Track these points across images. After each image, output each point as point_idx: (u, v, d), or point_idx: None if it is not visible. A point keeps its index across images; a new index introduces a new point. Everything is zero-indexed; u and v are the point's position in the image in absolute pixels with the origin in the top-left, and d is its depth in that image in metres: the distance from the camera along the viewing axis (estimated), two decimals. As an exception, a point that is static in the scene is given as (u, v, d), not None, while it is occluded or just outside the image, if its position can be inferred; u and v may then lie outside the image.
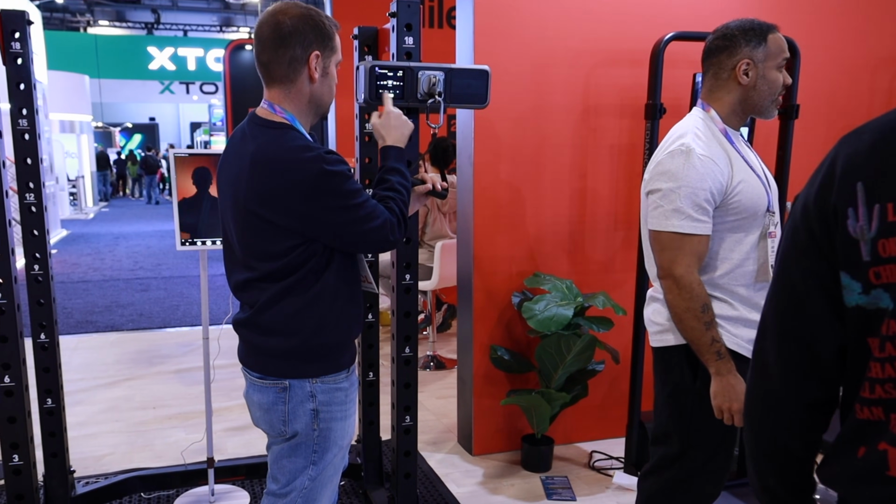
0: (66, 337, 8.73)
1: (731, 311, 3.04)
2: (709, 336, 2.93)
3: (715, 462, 3.21)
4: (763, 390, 1.74)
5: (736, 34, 3.01)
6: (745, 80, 3.01)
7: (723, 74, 3.07)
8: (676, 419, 3.21)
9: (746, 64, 2.99)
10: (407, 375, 4.05)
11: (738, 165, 3.00)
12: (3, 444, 3.90)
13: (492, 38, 4.90)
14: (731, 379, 2.94)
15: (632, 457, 4.99)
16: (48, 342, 4.14)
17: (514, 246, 5.22)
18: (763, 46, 2.98)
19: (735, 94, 3.06)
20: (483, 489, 4.96)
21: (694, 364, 3.07)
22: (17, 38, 3.78)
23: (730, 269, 3.04)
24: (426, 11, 8.73)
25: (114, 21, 37.83)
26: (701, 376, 3.05)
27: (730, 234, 3.02)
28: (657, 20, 5.06)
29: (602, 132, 5.25)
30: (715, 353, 2.94)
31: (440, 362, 7.59)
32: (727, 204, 2.96)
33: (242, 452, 5.46)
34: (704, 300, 2.94)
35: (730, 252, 3.03)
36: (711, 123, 3.08)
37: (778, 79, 3.02)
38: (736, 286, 3.04)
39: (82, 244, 17.85)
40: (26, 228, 3.96)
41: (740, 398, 2.93)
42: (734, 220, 3.00)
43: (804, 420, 1.69)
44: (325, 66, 2.74)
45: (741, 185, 2.96)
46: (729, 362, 2.95)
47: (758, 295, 3.06)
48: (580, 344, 4.80)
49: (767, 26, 3.00)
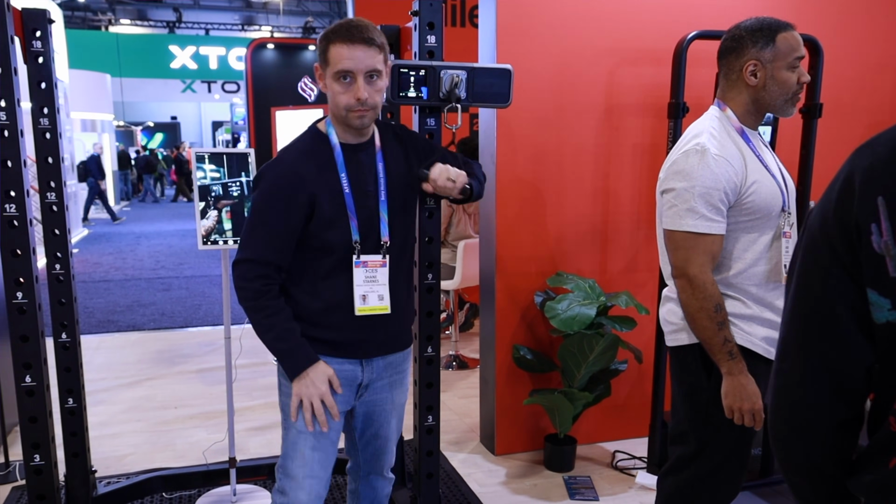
0: (87, 336, 8.78)
1: (745, 309, 3.05)
2: (721, 336, 2.94)
3: (732, 461, 3.20)
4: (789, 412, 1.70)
5: (743, 35, 3.02)
6: (752, 80, 3.01)
7: (732, 75, 3.09)
8: (692, 419, 3.20)
9: (753, 65, 2.99)
10: (429, 375, 4.05)
11: (752, 165, 3.00)
12: (24, 443, 3.89)
13: (514, 37, 4.90)
14: (742, 379, 2.95)
15: (655, 456, 4.97)
16: (69, 342, 4.14)
17: (536, 245, 5.22)
18: (771, 47, 2.96)
19: (746, 95, 3.07)
20: (505, 489, 4.96)
21: (708, 363, 3.07)
22: (38, 37, 3.77)
23: (743, 268, 3.04)
24: (448, 10, 8.71)
25: (135, 20, 37.94)
26: (715, 375, 3.05)
27: (743, 234, 3.02)
28: (680, 19, 5.05)
29: (624, 131, 5.24)
30: (727, 353, 2.94)
31: (463, 362, 7.59)
32: (741, 204, 2.97)
33: (264, 452, 5.47)
34: (717, 300, 2.94)
35: (743, 252, 3.03)
36: (727, 123, 3.08)
37: (789, 78, 3.00)
38: (748, 286, 3.05)
39: (104, 243, 17.93)
40: (47, 228, 3.97)
41: (751, 398, 2.94)
42: (748, 220, 3.00)
43: (835, 441, 1.65)
44: (325, 80, 2.86)
45: (755, 186, 2.96)
46: (741, 362, 2.95)
47: (770, 294, 3.07)
48: (603, 343, 4.79)
49: (778, 25, 2.98)
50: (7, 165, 3.58)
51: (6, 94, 3.51)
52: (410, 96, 3.60)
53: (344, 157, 2.91)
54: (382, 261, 2.95)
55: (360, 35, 2.75)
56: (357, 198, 2.90)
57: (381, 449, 3.31)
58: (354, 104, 2.78)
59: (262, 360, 2.78)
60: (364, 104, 2.78)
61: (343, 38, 2.74)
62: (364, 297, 2.93)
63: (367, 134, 2.97)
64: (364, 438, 3.27)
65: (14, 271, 3.68)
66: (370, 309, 2.95)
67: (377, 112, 2.89)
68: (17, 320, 3.74)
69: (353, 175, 2.91)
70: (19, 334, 3.76)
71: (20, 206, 3.62)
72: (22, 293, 3.71)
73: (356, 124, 2.85)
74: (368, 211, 2.93)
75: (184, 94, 36.55)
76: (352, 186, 2.89)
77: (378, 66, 2.79)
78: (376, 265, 2.94)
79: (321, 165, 2.89)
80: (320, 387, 2.88)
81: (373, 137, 3.01)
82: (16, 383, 3.80)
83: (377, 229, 2.95)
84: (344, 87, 2.78)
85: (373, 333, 3.02)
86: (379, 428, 3.24)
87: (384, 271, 2.96)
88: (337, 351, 2.99)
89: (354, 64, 2.74)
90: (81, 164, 22.64)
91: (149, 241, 18.29)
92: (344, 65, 2.74)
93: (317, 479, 3.02)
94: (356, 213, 2.89)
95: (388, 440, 3.30)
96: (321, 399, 2.88)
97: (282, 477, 3.05)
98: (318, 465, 3.01)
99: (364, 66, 2.75)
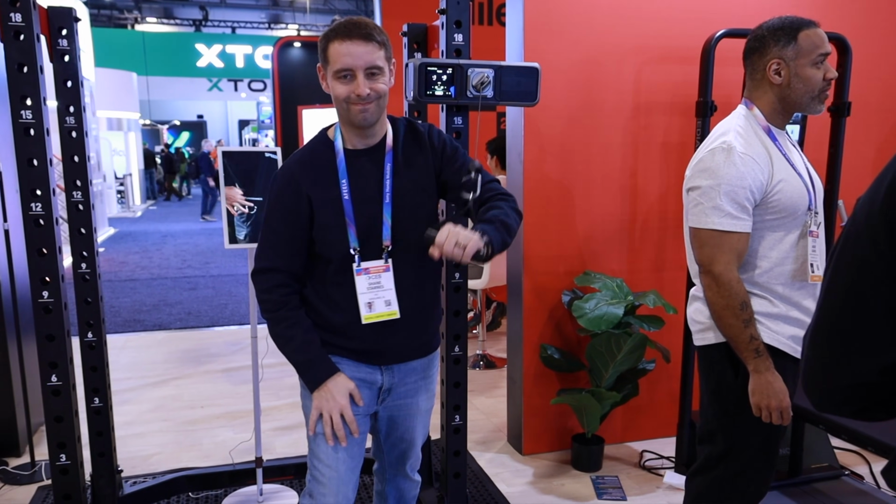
0: (113, 336, 8.84)
1: (771, 307, 3.04)
2: (747, 334, 2.94)
3: (760, 460, 3.19)
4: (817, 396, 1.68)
5: (765, 34, 3.02)
6: (776, 79, 3.01)
7: (757, 75, 3.09)
8: (720, 418, 3.21)
9: (777, 63, 2.99)
10: (456, 374, 4.04)
11: (778, 164, 2.99)
12: (50, 443, 3.89)
13: (542, 36, 4.88)
14: (769, 376, 2.95)
15: (683, 456, 4.95)
16: (95, 341, 4.15)
17: (563, 244, 5.20)
18: (793, 45, 2.96)
19: (771, 94, 3.06)
20: (533, 489, 4.94)
21: (736, 362, 3.08)
22: (64, 35, 3.79)
23: (769, 267, 3.04)
24: (476, 8, 8.67)
25: (161, 18, 38.12)
26: (743, 374, 3.06)
27: (769, 233, 3.02)
28: (708, 17, 5.03)
29: (652, 130, 5.22)
30: (753, 351, 2.95)
31: (490, 361, 7.58)
32: (767, 202, 2.96)
33: (291, 452, 5.48)
34: (743, 298, 2.95)
35: (769, 250, 3.03)
36: (754, 121, 3.08)
37: (815, 76, 2.98)
38: (775, 284, 3.04)
39: (130, 242, 18.00)
40: (73, 226, 3.97)
41: (778, 395, 2.95)
42: (774, 218, 3.00)
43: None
44: (327, 80, 2.81)
45: (781, 184, 2.96)
46: (767, 360, 2.95)
47: (796, 293, 3.07)
48: (631, 343, 4.77)
49: (800, 23, 2.97)
50: (33, 164, 3.58)
51: (32, 92, 3.52)
52: (437, 95, 3.59)
53: (347, 162, 2.86)
54: (385, 265, 2.88)
55: (358, 31, 2.69)
56: (357, 204, 2.83)
57: (406, 452, 3.29)
58: (354, 97, 2.71)
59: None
60: (365, 98, 2.71)
61: (341, 36, 2.69)
62: (370, 304, 2.87)
63: (376, 135, 2.90)
64: (389, 442, 3.25)
65: (40, 270, 3.69)
66: (377, 316, 2.89)
67: (381, 107, 2.81)
68: (42, 319, 3.75)
69: (354, 181, 2.85)
70: (45, 333, 3.76)
71: (46, 205, 3.63)
72: (48, 292, 3.72)
73: (358, 120, 2.77)
74: (369, 217, 2.85)
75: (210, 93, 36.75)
76: (352, 193, 2.83)
77: (378, 62, 2.72)
78: (379, 270, 2.87)
79: (322, 172, 2.86)
80: (340, 400, 2.85)
81: (384, 139, 2.93)
82: (42, 382, 3.81)
83: (378, 234, 2.88)
84: (344, 84, 2.72)
85: (389, 340, 2.97)
86: (404, 432, 3.21)
87: (388, 276, 2.88)
88: (355, 356, 2.97)
89: (353, 60, 2.68)
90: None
91: (175, 240, 18.37)
92: (343, 62, 2.69)
93: (344, 483, 2.99)
94: (355, 219, 2.83)
95: (414, 444, 3.28)
96: (341, 413, 2.86)
97: (309, 480, 3.02)
98: (345, 468, 2.98)
99: (363, 62, 2.69)
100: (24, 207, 3.61)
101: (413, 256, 2.92)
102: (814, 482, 4.87)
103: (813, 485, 4.84)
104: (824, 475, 4.91)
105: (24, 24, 3.44)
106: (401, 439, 3.23)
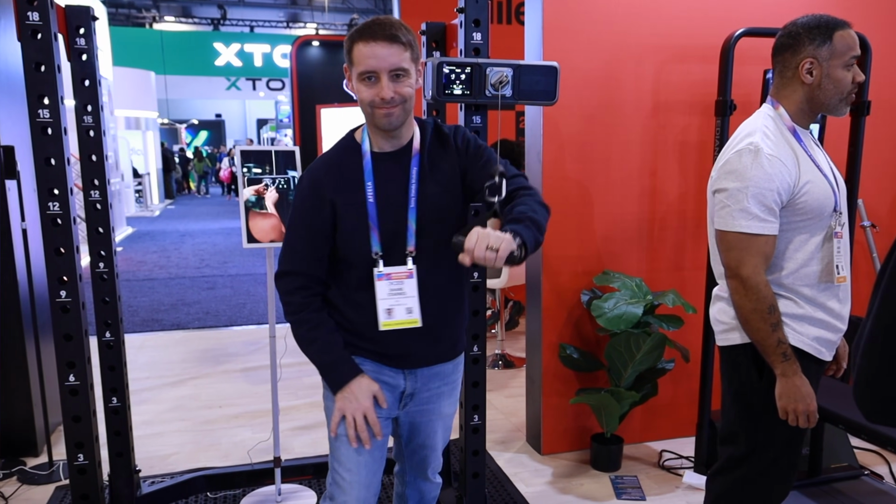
0: (131, 335, 8.89)
1: (798, 308, 3.02)
2: (775, 338, 2.92)
3: (783, 461, 3.19)
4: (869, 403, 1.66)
5: (800, 32, 2.98)
6: (808, 79, 2.97)
7: (787, 73, 3.05)
8: (743, 418, 3.20)
9: (810, 63, 2.95)
10: (475, 374, 4.03)
11: (805, 166, 2.96)
12: (68, 443, 3.90)
13: (561, 35, 4.86)
14: (797, 380, 2.93)
15: (702, 456, 4.94)
16: (113, 340, 4.16)
17: (582, 244, 5.18)
18: (828, 45, 2.93)
19: (801, 93, 3.03)
20: (552, 489, 4.93)
21: (760, 363, 3.07)
22: (81, 34, 3.79)
23: (795, 268, 3.01)
24: (494, 7, 8.70)
25: (179, 17, 38.21)
26: (767, 375, 3.05)
27: (795, 235, 3.00)
28: (727, 16, 5.00)
29: (671, 129, 5.19)
30: (781, 355, 2.93)
31: (508, 361, 7.57)
32: (794, 204, 2.94)
33: (309, 452, 5.48)
34: (771, 301, 2.93)
35: (795, 252, 3.01)
36: (780, 121, 3.05)
37: (845, 77, 2.96)
38: (801, 286, 3.02)
39: (148, 241, 18.06)
40: (91, 226, 3.99)
41: (805, 399, 2.94)
42: (800, 220, 2.97)
43: None
44: (353, 81, 2.75)
45: (808, 186, 2.93)
46: (795, 364, 2.93)
47: (822, 295, 3.04)
48: (650, 342, 4.75)
49: (835, 23, 2.94)
50: (51, 163, 3.59)
51: (50, 91, 3.52)
52: (456, 94, 3.57)
53: (373, 166, 2.82)
54: (409, 271, 2.82)
55: (384, 33, 2.62)
56: (381, 208, 2.79)
57: (427, 458, 3.26)
58: (378, 101, 2.66)
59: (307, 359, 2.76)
60: (389, 102, 2.66)
61: (366, 37, 2.63)
62: (389, 310, 2.81)
63: (402, 138, 2.86)
64: (410, 448, 3.23)
65: (58, 270, 3.70)
66: (397, 323, 2.83)
67: (407, 110, 2.76)
68: (60, 319, 3.76)
69: (380, 185, 2.80)
70: (63, 333, 3.77)
71: (64, 205, 3.64)
72: (65, 292, 3.72)
73: (383, 123, 2.73)
74: (394, 221, 2.81)
75: (228, 92, 36.78)
76: (377, 197, 2.79)
77: (404, 64, 2.66)
78: (402, 276, 2.81)
79: (348, 175, 2.81)
80: (363, 402, 2.81)
81: (411, 142, 2.88)
82: (59, 382, 3.82)
83: (403, 239, 2.83)
84: (369, 86, 2.67)
85: (412, 346, 2.93)
86: (425, 438, 3.18)
87: (412, 282, 2.82)
88: (378, 358, 2.94)
89: (378, 63, 2.62)
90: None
91: (193, 240, 18.41)
92: (367, 64, 2.63)
93: (365, 487, 2.97)
94: (379, 224, 2.79)
95: (435, 449, 3.25)
96: (364, 414, 2.83)
97: (330, 483, 3.01)
98: (367, 471, 2.96)
99: (388, 64, 2.63)
100: (42, 207, 3.62)
101: (438, 262, 2.88)
102: (833, 482, 4.85)
103: (832, 484, 4.84)
104: (844, 475, 4.90)
105: (42, 22, 3.45)
106: (422, 445, 3.20)
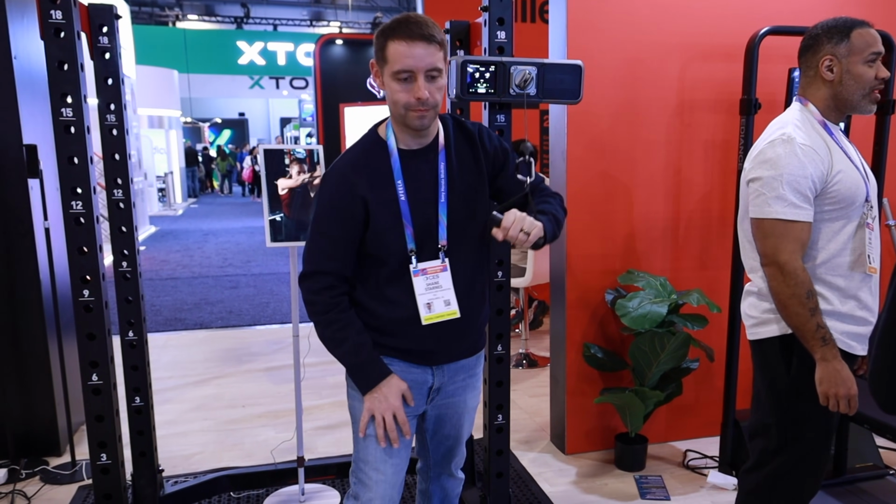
0: (154, 334, 8.93)
1: (826, 305, 3.05)
2: (814, 322, 2.94)
3: (814, 454, 3.22)
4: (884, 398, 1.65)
5: (819, 32, 3.10)
6: (828, 76, 3.08)
7: (810, 72, 3.16)
8: (775, 411, 3.23)
9: (829, 60, 3.06)
10: (499, 373, 4.01)
11: (837, 155, 3.03)
12: (90, 442, 3.89)
13: (585, 33, 4.85)
14: (837, 364, 2.95)
15: (727, 456, 4.92)
16: (136, 340, 4.16)
17: (607, 243, 5.17)
18: (846, 42, 3.03)
19: (824, 91, 3.12)
20: (576, 488, 4.91)
21: (788, 356, 3.11)
22: (104, 33, 3.79)
23: (827, 258, 3.06)
24: (518, 6, 8.71)
25: (203, 15, 38.22)
26: (795, 368, 3.10)
27: (827, 224, 3.04)
28: (752, 14, 4.99)
29: (696, 128, 5.17)
30: (820, 339, 2.95)
31: (532, 360, 7.56)
32: (826, 193, 2.99)
33: (333, 451, 5.48)
34: (809, 286, 2.95)
35: (827, 242, 3.06)
36: (810, 116, 3.12)
37: (866, 73, 3.04)
38: (833, 276, 3.06)
39: (171, 241, 18.08)
40: (114, 225, 3.98)
41: (846, 383, 2.95)
42: (832, 209, 3.02)
43: None
44: (383, 78, 2.74)
45: (840, 175, 2.99)
46: (834, 348, 2.96)
47: (855, 285, 3.09)
48: (674, 342, 4.74)
49: (853, 22, 3.05)
50: (74, 162, 3.59)
51: (73, 89, 3.52)
52: (480, 92, 3.56)
53: (401, 163, 2.81)
54: (442, 265, 2.84)
55: (420, 32, 2.60)
56: (414, 205, 2.79)
57: (452, 450, 3.27)
58: (414, 103, 2.65)
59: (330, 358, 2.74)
60: (424, 104, 2.65)
61: (402, 36, 2.60)
62: (429, 304, 2.83)
63: (429, 135, 2.85)
64: (435, 440, 3.23)
65: (80, 269, 3.69)
66: (438, 316, 2.85)
67: (437, 111, 2.77)
68: (83, 318, 3.75)
69: (410, 182, 2.80)
70: (86, 332, 3.77)
71: (87, 203, 3.63)
72: (88, 291, 3.72)
73: (416, 125, 2.72)
74: (426, 218, 2.82)
75: (251, 91, 36.81)
76: (408, 194, 2.79)
77: (438, 64, 2.65)
78: (436, 270, 2.84)
79: (376, 173, 2.80)
80: (393, 402, 2.82)
81: (436, 138, 2.89)
82: (82, 381, 3.81)
83: (435, 234, 2.84)
84: (403, 86, 2.65)
85: (442, 341, 2.93)
86: (451, 429, 3.19)
87: (446, 275, 2.85)
88: (407, 356, 2.93)
89: (415, 62, 2.60)
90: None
91: (216, 239, 18.42)
92: (404, 64, 2.61)
93: (390, 486, 2.97)
94: (412, 221, 2.79)
95: (459, 440, 3.26)
96: (393, 414, 2.83)
97: (355, 482, 3.01)
98: (392, 470, 2.96)
99: (424, 64, 2.61)
100: (65, 206, 3.61)
101: (466, 255, 2.92)
102: (858, 482, 4.85)
103: (857, 484, 4.84)
104: (869, 475, 4.89)
105: (65, 21, 3.45)
106: (447, 436, 3.21)
